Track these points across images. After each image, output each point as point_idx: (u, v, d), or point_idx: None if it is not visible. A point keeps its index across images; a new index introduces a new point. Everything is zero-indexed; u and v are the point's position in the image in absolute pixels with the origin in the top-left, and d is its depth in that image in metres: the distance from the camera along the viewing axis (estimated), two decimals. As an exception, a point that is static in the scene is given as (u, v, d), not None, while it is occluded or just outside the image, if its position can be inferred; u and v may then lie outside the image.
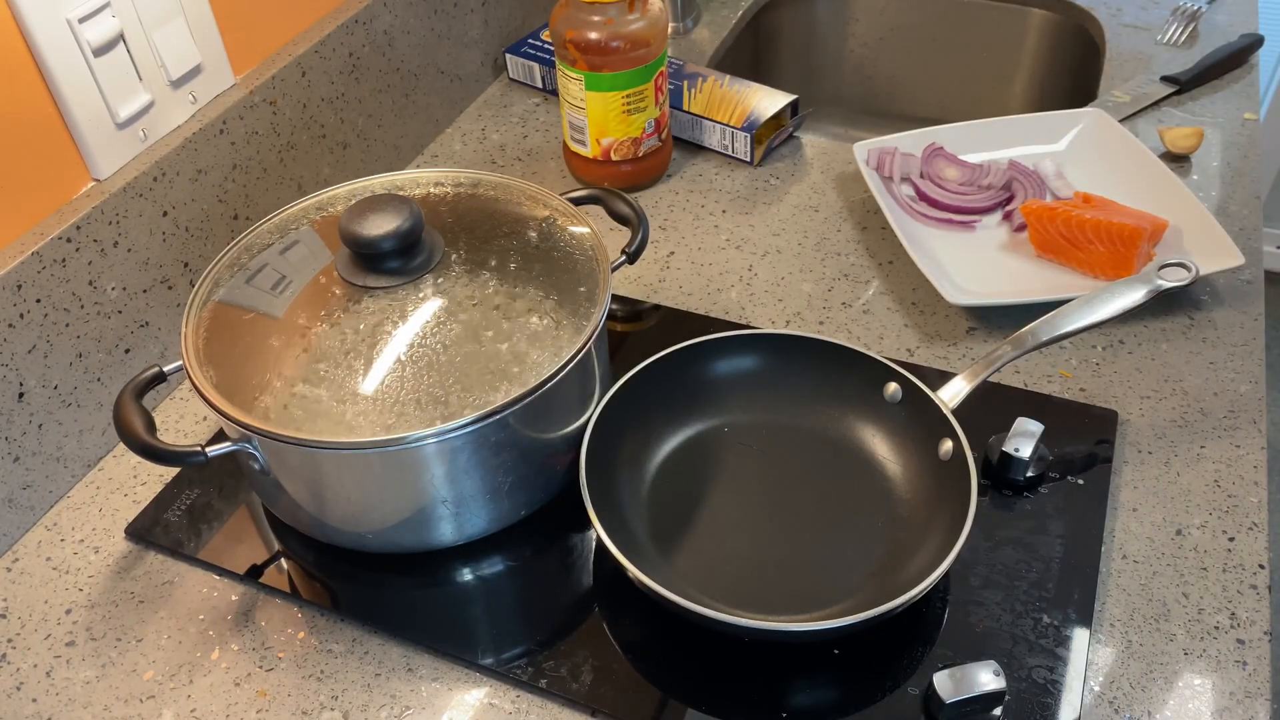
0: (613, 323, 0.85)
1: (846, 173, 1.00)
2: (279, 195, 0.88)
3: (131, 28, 0.73)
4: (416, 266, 0.66)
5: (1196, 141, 0.95)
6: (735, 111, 1.00)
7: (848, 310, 0.85)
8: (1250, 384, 0.76)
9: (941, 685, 0.57)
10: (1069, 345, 0.80)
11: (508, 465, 0.64)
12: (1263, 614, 0.62)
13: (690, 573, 0.65)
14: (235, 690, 0.63)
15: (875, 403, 0.71)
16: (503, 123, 1.10)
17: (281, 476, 0.64)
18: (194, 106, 0.80)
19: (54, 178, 0.71)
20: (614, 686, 0.60)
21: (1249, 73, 1.06)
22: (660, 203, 0.98)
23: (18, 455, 0.70)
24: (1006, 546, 0.66)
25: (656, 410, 0.72)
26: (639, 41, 0.89)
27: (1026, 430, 0.69)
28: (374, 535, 0.66)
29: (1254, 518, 0.67)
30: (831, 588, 0.63)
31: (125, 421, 0.61)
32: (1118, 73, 1.09)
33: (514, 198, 0.74)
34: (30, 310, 0.69)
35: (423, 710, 0.61)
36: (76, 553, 0.71)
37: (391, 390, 0.61)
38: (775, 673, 0.60)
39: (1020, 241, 0.89)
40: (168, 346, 0.81)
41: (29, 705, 0.63)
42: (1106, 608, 0.63)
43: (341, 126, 0.94)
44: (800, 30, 1.37)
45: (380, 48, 0.96)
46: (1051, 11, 1.25)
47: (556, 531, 0.69)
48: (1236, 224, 0.89)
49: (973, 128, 0.98)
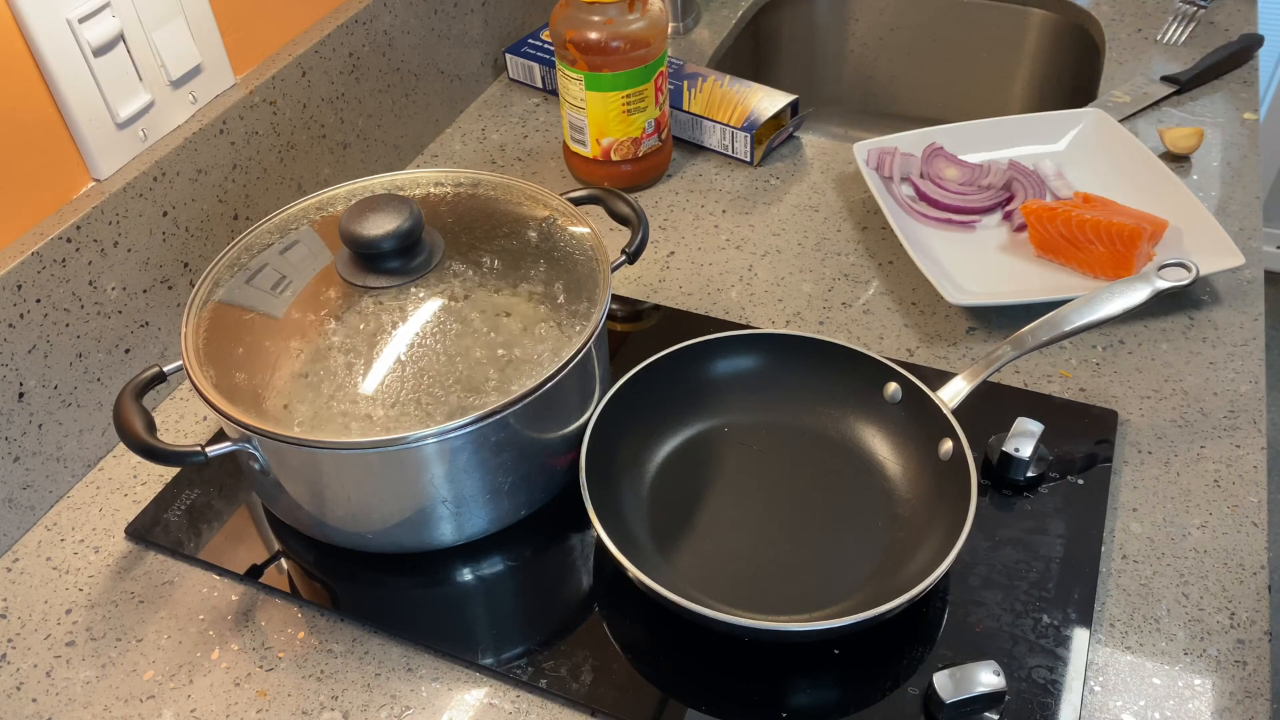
0: (613, 323, 0.85)
1: (846, 173, 1.00)
2: (279, 195, 0.88)
3: (131, 28, 0.73)
4: (416, 266, 0.66)
5: (1196, 141, 0.95)
6: (735, 111, 1.00)
7: (848, 310, 0.85)
8: (1250, 384, 0.76)
9: (941, 685, 0.57)
10: (1069, 345, 0.80)
11: (508, 465, 0.64)
12: (1263, 614, 0.62)
13: (690, 573, 0.65)
14: (235, 690, 0.63)
15: (875, 403, 0.71)
16: (503, 123, 1.10)
17: (281, 476, 0.64)
18: (194, 106, 0.80)
19: (54, 178, 0.71)
20: (614, 686, 0.60)
21: (1249, 73, 1.06)
22: (660, 203, 0.98)
23: (18, 455, 0.70)
24: (1006, 546, 0.66)
25: (656, 410, 0.72)
26: (639, 41, 0.89)
27: (1026, 430, 0.69)
28: (374, 535, 0.66)
29: (1254, 518, 0.67)
30: (831, 588, 0.63)
31: (125, 421, 0.61)
32: (1118, 73, 1.09)
33: (514, 198, 0.74)
34: (30, 310, 0.69)
35: (423, 710, 0.61)
36: (76, 553, 0.71)
37: (391, 390, 0.61)
38: (775, 673, 0.60)
39: (1020, 241, 0.89)
40: (168, 346, 0.81)
41: (29, 705, 0.63)
42: (1106, 608, 0.63)
43: (341, 126, 0.94)
44: (800, 30, 1.37)
45: (380, 48, 0.96)
46: (1051, 11, 1.25)
47: (556, 531, 0.69)
48: (1236, 224, 0.89)
49: (973, 128, 0.98)
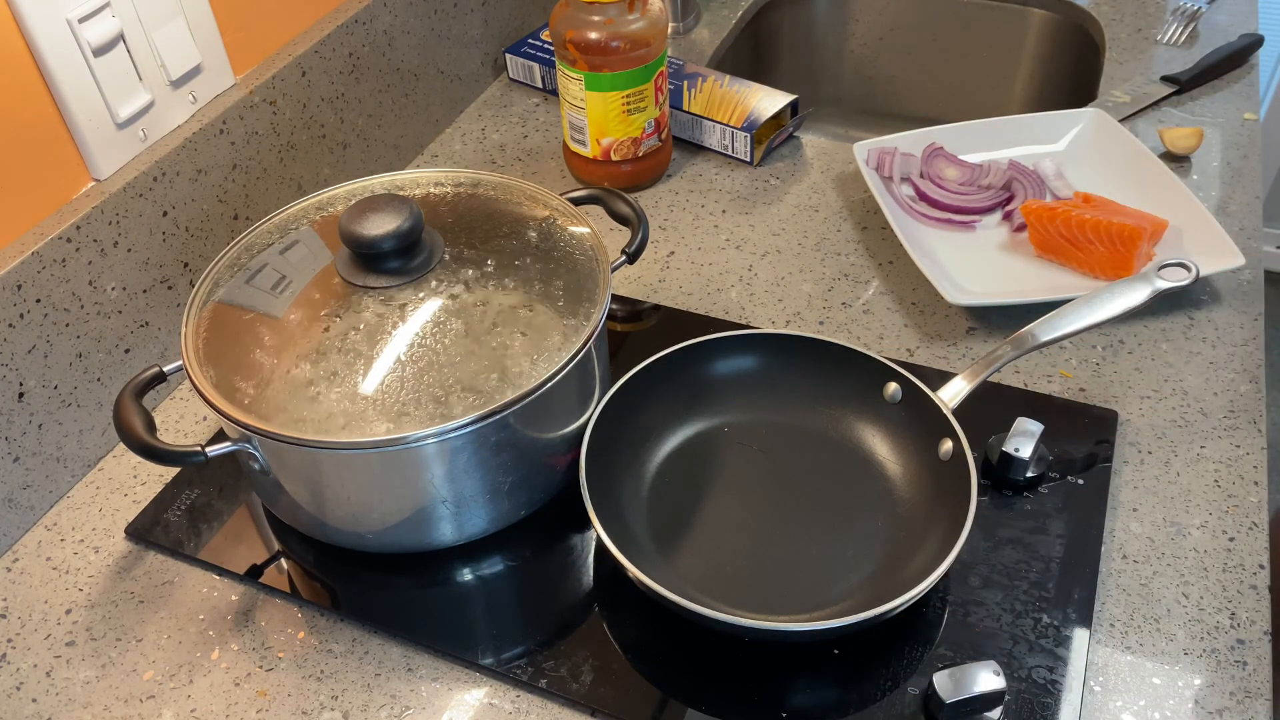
0: (613, 323, 0.85)
1: (846, 173, 1.00)
2: (279, 195, 0.88)
3: (131, 28, 0.73)
4: (416, 266, 0.66)
5: (1196, 141, 0.95)
6: (735, 111, 1.00)
7: (848, 310, 0.85)
8: (1250, 384, 0.76)
9: (941, 685, 0.57)
10: (1069, 345, 0.80)
11: (508, 465, 0.64)
12: (1263, 614, 0.62)
13: (690, 573, 0.65)
14: (235, 690, 0.63)
15: (875, 403, 0.71)
16: (503, 123, 1.10)
17: (281, 476, 0.64)
18: (194, 106, 0.80)
19: (54, 178, 0.71)
20: (614, 686, 0.60)
21: (1249, 73, 1.06)
22: (660, 203, 0.98)
23: (18, 455, 0.70)
24: (1006, 546, 0.66)
25: (656, 410, 0.72)
26: (639, 41, 0.89)
27: (1026, 430, 0.69)
28: (374, 535, 0.66)
29: (1254, 518, 0.67)
30: (831, 588, 0.63)
31: (125, 421, 0.61)
32: (1118, 73, 1.09)
33: (514, 198, 0.74)
34: (30, 310, 0.69)
35: (423, 710, 0.61)
36: (76, 553, 0.71)
37: (391, 390, 0.61)
38: (775, 673, 0.60)
39: (1020, 241, 0.89)
40: (168, 346, 0.81)
41: (29, 705, 0.63)
42: (1106, 608, 0.63)
43: (341, 126, 0.94)
44: (800, 30, 1.37)
45: (380, 48, 0.96)
46: (1051, 11, 1.25)
47: (556, 531, 0.69)
48: (1236, 224, 0.89)
49: (973, 128, 0.98)
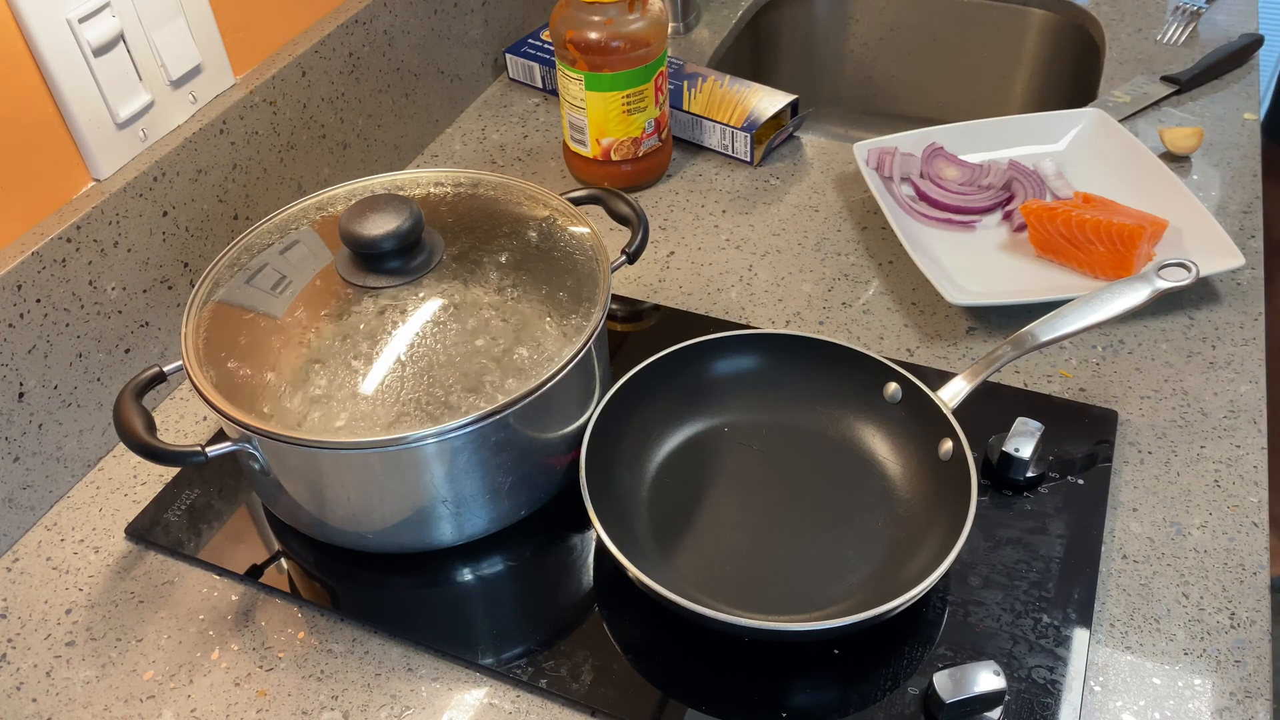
0: (613, 323, 0.85)
1: (846, 173, 1.00)
2: (279, 195, 0.88)
3: (131, 28, 0.73)
4: (416, 266, 0.66)
5: (1196, 141, 0.95)
6: (735, 111, 1.00)
7: (848, 310, 0.85)
8: (1250, 384, 0.76)
9: (941, 685, 0.57)
10: (1069, 345, 0.80)
11: (508, 465, 0.64)
12: (1263, 614, 0.62)
13: (690, 573, 0.65)
14: (235, 690, 0.63)
15: (875, 403, 0.71)
16: (503, 123, 1.10)
17: (281, 476, 0.64)
18: (194, 106, 0.80)
19: (54, 178, 0.71)
20: (614, 686, 0.60)
21: (1249, 73, 1.06)
22: (660, 203, 0.98)
23: (18, 455, 0.70)
24: (1006, 546, 0.66)
25: (656, 410, 0.72)
26: (639, 41, 0.89)
27: (1026, 430, 0.69)
28: (374, 535, 0.66)
29: (1254, 518, 0.67)
30: (831, 588, 0.63)
31: (125, 421, 0.61)
32: (1118, 73, 1.09)
33: (514, 198, 0.74)
34: (30, 310, 0.69)
35: (423, 710, 0.61)
36: (76, 553, 0.71)
37: (391, 390, 0.61)
38: (775, 673, 0.60)
39: (1020, 241, 0.89)
40: (168, 346, 0.81)
41: (29, 705, 0.63)
42: (1106, 608, 0.63)
43: (341, 126, 0.94)
44: (800, 30, 1.37)
45: (380, 48, 0.96)
46: (1051, 11, 1.25)
47: (556, 531, 0.69)
48: (1236, 224, 0.89)
49: (973, 128, 0.98)
